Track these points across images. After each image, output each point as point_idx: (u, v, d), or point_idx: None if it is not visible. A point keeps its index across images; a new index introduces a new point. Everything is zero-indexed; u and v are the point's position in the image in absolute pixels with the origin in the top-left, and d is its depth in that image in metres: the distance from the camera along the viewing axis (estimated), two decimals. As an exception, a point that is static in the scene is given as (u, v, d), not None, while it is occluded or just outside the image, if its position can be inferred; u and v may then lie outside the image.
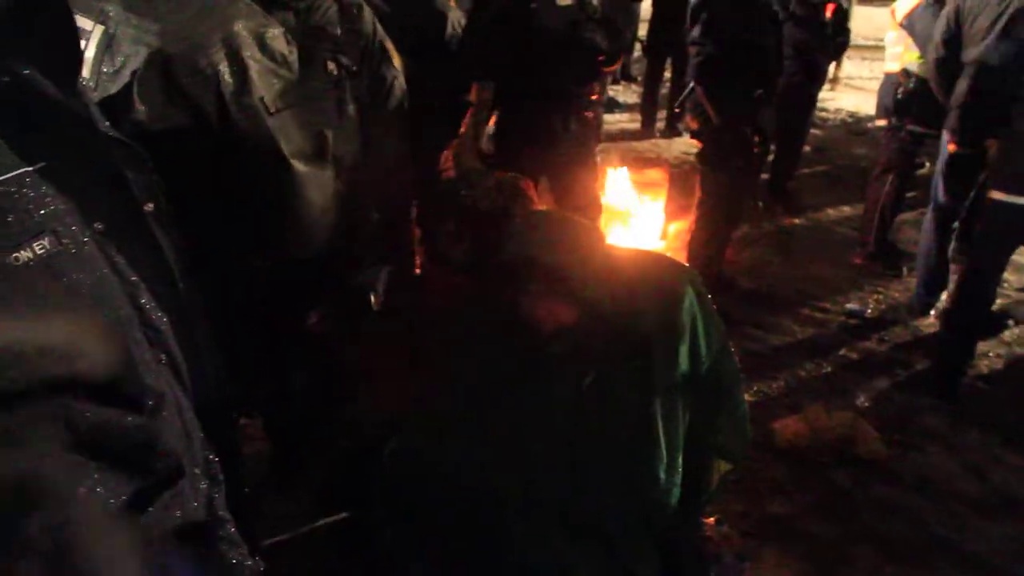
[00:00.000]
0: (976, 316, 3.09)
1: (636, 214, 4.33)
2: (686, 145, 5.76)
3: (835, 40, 4.89)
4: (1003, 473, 2.58)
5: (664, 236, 4.35)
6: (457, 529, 1.50)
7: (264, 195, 1.29)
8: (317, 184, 1.34)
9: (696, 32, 3.37)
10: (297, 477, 1.96)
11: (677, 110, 5.66)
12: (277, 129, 1.26)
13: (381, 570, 1.61)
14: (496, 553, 1.48)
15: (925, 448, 2.69)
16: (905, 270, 4.06)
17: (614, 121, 7.02)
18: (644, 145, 6.36)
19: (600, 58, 3.17)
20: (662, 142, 6.44)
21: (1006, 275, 3.70)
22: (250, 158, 1.25)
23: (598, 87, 4.06)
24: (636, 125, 6.76)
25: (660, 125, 6.75)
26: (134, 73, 1.11)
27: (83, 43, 1.06)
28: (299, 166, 1.30)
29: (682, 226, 4.11)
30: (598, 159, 3.78)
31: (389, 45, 1.62)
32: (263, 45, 1.24)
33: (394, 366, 1.65)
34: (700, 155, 3.60)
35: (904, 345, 3.41)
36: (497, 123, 3.35)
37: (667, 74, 6.79)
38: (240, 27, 1.20)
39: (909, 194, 4.40)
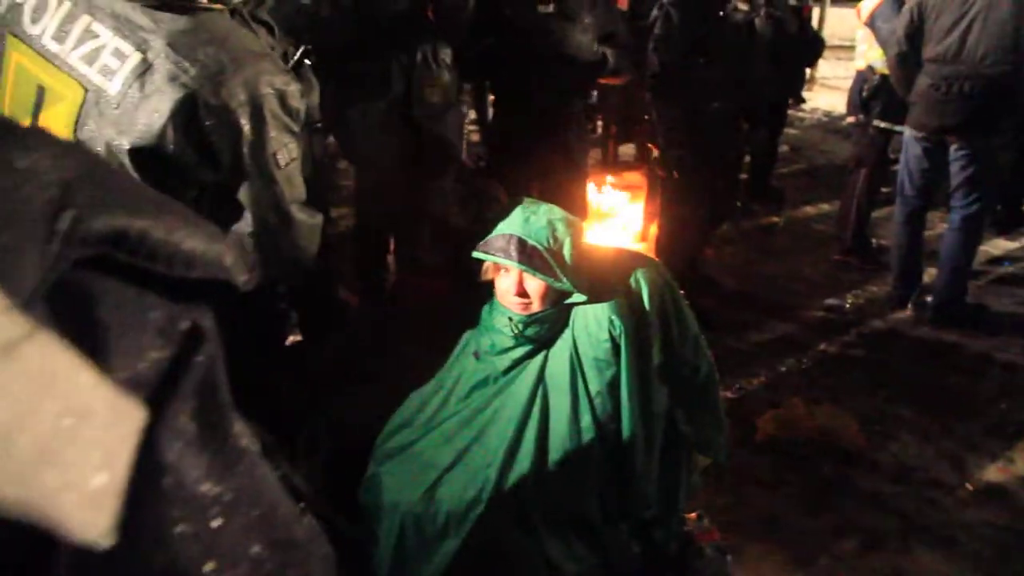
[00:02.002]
0: None
1: (616, 216, 4.36)
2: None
3: (809, 42, 4.94)
4: (980, 461, 2.62)
5: (644, 238, 4.38)
6: (442, 532, 1.52)
7: (260, 238, 1.35)
8: (309, 229, 1.43)
9: (653, 37, 3.16)
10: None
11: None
12: (284, 181, 1.33)
13: None
14: (480, 550, 1.49)
15: (903, 438, 2.73)
16: (883, 264, 4.11)
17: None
18: (623, 148, 6.38)
19: (592, 68, 3.05)
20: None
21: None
22: (252, 204, 1.33)
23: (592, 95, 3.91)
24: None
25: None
26: (171, 113, 1.18)
27: (118, 63, 1.16)
28: (297, 214, 1.39)
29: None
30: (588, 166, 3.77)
31: None
32: (284, 104, 1.31)
33: (369, 370, 1.67)
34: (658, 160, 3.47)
35: (881, 338, 3.45)
36: (493, 129, 3.30)
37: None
38: (266, 85, 1.27)
39: (885, 189, 4.47)
